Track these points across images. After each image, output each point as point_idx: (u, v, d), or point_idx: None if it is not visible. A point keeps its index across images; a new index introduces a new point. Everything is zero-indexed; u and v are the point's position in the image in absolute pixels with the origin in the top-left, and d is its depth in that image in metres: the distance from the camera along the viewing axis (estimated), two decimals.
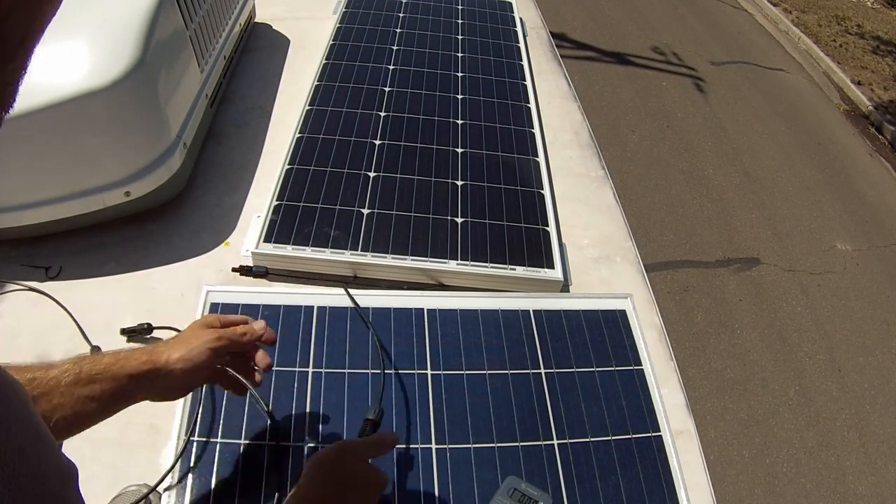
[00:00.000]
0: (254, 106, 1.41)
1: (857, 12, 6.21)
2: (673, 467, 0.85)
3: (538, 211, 1.17)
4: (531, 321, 0.98)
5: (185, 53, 1.16)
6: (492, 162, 1.27)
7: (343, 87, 1.41)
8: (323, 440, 0.81)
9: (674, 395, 0.95)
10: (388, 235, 1.08)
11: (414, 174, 1.21)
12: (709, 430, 2.47)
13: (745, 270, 3.17)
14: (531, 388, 0.90)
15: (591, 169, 1.37)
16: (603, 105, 4.18)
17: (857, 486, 2.39)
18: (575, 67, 4.37)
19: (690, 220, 3.41)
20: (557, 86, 1.63)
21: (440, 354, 0.92)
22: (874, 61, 5.33)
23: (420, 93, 1.43)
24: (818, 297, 3.11)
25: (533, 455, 0.83)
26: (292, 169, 1.18)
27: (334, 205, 1.12)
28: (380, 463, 0.79)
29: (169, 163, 1.07)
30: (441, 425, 0.84)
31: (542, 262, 1.08)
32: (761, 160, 3.97)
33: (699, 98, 4.46)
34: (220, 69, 1.35)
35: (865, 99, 4.76)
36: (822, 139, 4.33)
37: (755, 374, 2.72)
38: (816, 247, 3.40)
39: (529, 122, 1.40)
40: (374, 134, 1.29)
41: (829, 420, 2.60)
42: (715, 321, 2.89)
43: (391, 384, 0.87)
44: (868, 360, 2.86)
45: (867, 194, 3.88)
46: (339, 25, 1.63)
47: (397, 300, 0.98)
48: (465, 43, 1.65)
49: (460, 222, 1.12)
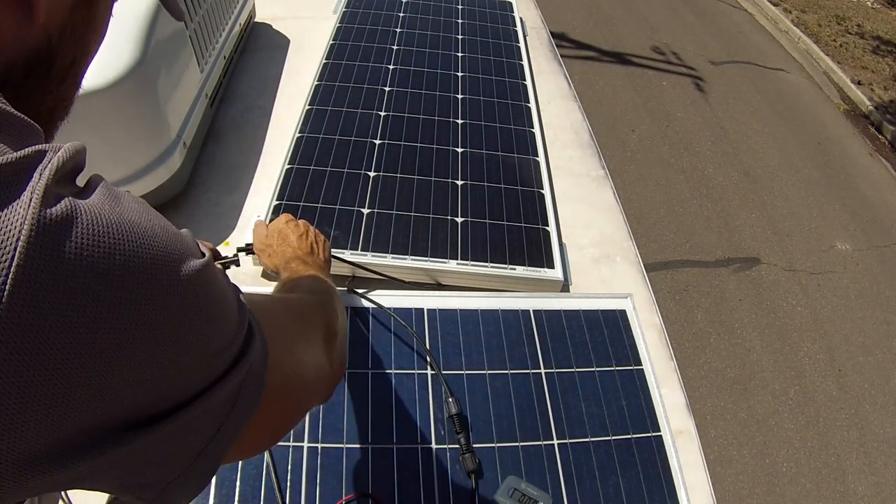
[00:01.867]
0: (254, 106, 1.41)
1: (857, 12, 6.21)
2: (673, 467, 0.85)
3: (538, 211, 1.17)
4: (531, 321, 0.98)
5: (185, 53, 1.16)
6: (492, 162, 1.27)
7: (343, 87, 1.41)
8: (322, 439, 0.81)
9: (674, 395, 0.95)
10: (388, 235, 1.07)
11: (414, 174, 1.21)
12: (709, 430, 2.47)
13: (745, 270, 3.17)
14: (531, 388, 0.90)
15: (591, 169, 1.37)
16: (603, 105, 4.18)
17: (857, 486, 2.39)
18: (575, 67, 4.37)
19: (690, 219, 3.41)
20: (557, 86, 1.63)
21: (440, 354, 0.92)
22: (874, 61, 5.33)
23: (420, 92, 1.43)
24: (818, 296, 3.11)
25: (533, 455, 0.83)
26: (292, 169, 1.18)
27: (334, 204, 1.11)
28: (380, 463, 0.79)
29: (168, 162, 1.07)
30: (440, 425, 0.84)
31: (542, 262, 1.07)
32: (761, 160, 3.97)
33: (699, 98, 4.45)
34: (220, 69, 1.35)
35: (865, 99, 4.76)
36: (822, 139, 4.33)
37: (755, 374, 2.72)
38: (816, 246, 3.40)
39: (529, 122, 1.40)
40: (374, 133, 1.29)
41: (829, 420, 2.60)
42: (715, 321, 2.89)
43: (391, 384, 0.88)
44: (868, 359, 2.86)
45: (867, 194, 3.88)
46: (339, 25, 1.63)
47: (397, 300, 0.98)
48: (465, 43, 1.65)
49: (460, 222, 1.12)
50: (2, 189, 0.24)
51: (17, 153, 0.25)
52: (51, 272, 0.24)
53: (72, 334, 0.25)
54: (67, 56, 0.36)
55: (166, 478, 0.32)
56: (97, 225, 0.26)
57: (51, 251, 0.24)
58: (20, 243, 0.23)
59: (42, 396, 0.24)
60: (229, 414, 0.33)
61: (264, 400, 0.36)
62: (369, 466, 0.79)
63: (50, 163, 0.26)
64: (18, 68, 0.32)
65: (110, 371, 0.26)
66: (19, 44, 0.32)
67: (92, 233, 0.26)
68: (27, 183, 0.25)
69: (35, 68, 0.33)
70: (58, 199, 0.26)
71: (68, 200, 0.26)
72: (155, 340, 0.28)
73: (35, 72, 0.34)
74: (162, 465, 0.31)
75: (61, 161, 0.27)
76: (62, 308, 0.24)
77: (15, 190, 0.24)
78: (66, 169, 0.27)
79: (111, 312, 0.26)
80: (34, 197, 0.25)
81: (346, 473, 0.78)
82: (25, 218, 0.24)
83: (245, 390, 0.34)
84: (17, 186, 0.25)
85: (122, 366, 0.27)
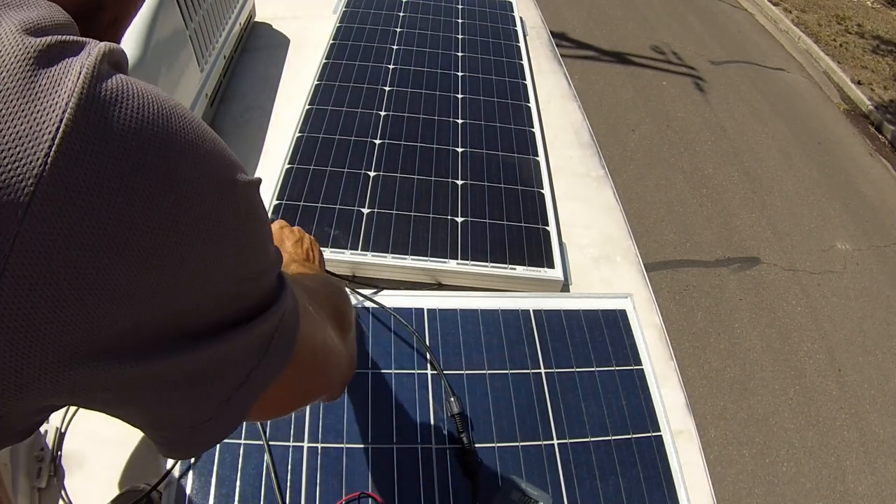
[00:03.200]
0: (254, 105, 1.41)
1: (857, 12, 6.21)
2: (673, 467, 0.84)
3: (538, 210, 1.17)
4: (531, 321, 0.98)
5: (185, 53, 1.16)
6: (492, 161, 1.27)
7: (343, 87, 1.41)
8: (323, 439, 0.81)
9: (674, 395, 0.95)
10: (388, 235, 1.07)
11: (414, 174, 1.21)
12: (709, 430, 2.47)
13: (745, 270, 3.17)
14: (531, 387, 0.90)
15: (592, 168, 1.37)
16: (603, 105, 4.18)
17: (857, 486, 2.39)
18: (575, 67, 4.37)
19: (690, 219, 3.41)
20: (557, 85, 1.63)
21: (440, 354, 0.92)
22: (874, 61, 5.33)
23: (420, 92, 1.43)
24: (818, 296, 3.11)
25: (533, 455, 0.83)
26: (292, 168, 1.18)
27: (334, 204, 1.11)
28: (380, 463, 0.79)
29: None
30: (441, 425, 0.84)
31: (543, 262, 1.07)
32: (761, 160, 3.97)
33: (699, 97, 4.45)
34: (220, 68, 1.35)
35: (865, 98, 4.75)
36: (822, 139, 4.33)
37: (755, 374, 2.72)
38: (816, 246, 3.40)
39: (530, 122, 1.40)
40: (374, 133, 1.29)
41: (829, 420, 2.60)
42: (715, 321, 2.89)
43: (391, 384, 0.88)
44: (868, 359, 2.86)
45: (867, 194, 3.88)
46: (339, 25, 1.63)
47: (397, 300, 0.98)
48: (465, 42, 1.65)
49: (460, 222, 1.12)
50: (53, 58, 0.24)
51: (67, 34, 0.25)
52: (99, 144, 0.23)
53: (117, 215, 0.24)
54: (112, 10, 0.36)
55: (193, 419, 0.32)
56: (153, 105, 0.26)
57: (101, 123, 0.24)
58: (67, 114, 0.23)
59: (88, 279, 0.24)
60: (260, 360, 0.33)
61: (293, 361, 0.35)
62: (369, 466, 0.79)
63: (99, 44, 0.26)
64: (67, 10, 0.32)
65: (156, 260, 0.25)
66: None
67: (147, 111, 0.25)
68: (76, 57, 0.24)
69: (82, 13, 0.33)
70: (109, 74, 0.25)
71: (120, 77, 0.25)
72: (201, 238, 0.27)
73: (81, 18, 0.33)
74: (192, 403, 0.31)
75: (109, 47, 0.26)
76: (107, 185, 0.23)
77: (66, 63, 0.24)
78: (115, 55, 0.27)
79: (160, 198, 0.25)
80: (84, 70, 0.24)
81: (346, 473, 0.78)
82: (74, 90, 0.23)
83: (277, 340, 0.34)
84: (69, 57, 0.24)
85: (166, 257, 0.26)
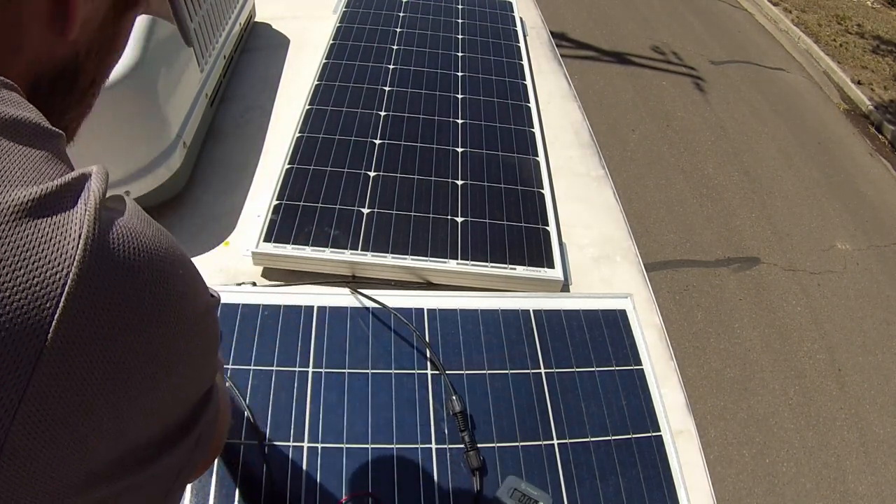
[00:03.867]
0: (254, 106, 1.41)
1: (857, 12, 6.21)
2: (673, 467, 0.84)
3: (538, 210, 1.17)
4: (531, 321, 0.98)
5: (185, 53, 1.16)
6: (492, 161, 1.27)
7: (343, 87, 1.41)
8: (323, 439, 0.81)
9: (674, 395, 0.95)
10: (388, 235, 1.07)
11: (414, 174, 1.21)
12: (709, 430, 2.47)
13: (745, 270, 3.17)
14: (531, 387, 0.90)
15: (592, 168, 1.37)
16: (603, 105, 4.18)
17: (857, 486, 2.39)
18: (575, 67, 4.37)
19: (690, 219, 3.41)
20: (557, 85, 1.63)
21: (440, 354, 0.92)
22: (874, 61, 5.33)
23: (420, 92, 1.43)
24: (818, 296, 3.11)
25: (533, 455, 0.83)
26: (292, 168, 1.18)
27: (334, 204, 1.11)
28: (380, 463, 0.79)
29: (168, 162, 1.07)
30: (441, 425, 0.84)
31: (542, 262, 1.07)
32: (761, 159, 3.97)
33: (699, 97, 4.45)
34: (220, 69, 1.35)
35: (865, 98, 4.76)
36: (822, 138, 4.33)
37: (755, 374, 2.72)
38: (816, 246, 3.40)
39: (529, 122, 1.40)
40: (374, 133, 1.29)
41: (829, 420, 2.60)
42: (715, 321, 2.89)
43: (391, 384, 0.87)
44: (868, 359, 2.86)
45: (867, 194, 3.88)
46: (339, 25, 1.63)
47: (397, 300, 0.98)
48: (465, 42, 1.65)
49: (460, 222, 1.12)
50: (58, 206, 0.26)
51: (69, 175, 0.27)
52: (107, 284, 0.26)
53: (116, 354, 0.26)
54: (89, 74, 0.38)
55: None
56: (138, 245, 0.28)
57: (106, 267, 0.26)
58: (76, 259, 0.25)
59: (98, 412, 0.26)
60: (198, 441, 0.36)
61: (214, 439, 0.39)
62: (369, 466, 0.79)
63: (98, 176, 0.28)
64: (45, 81, 0.34)
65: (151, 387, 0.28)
66: (49, 57, 0.33)
67: (135, 251, 0.28)
68: (75, 204, 0.26)
69: (60, 83, 0.35)
70: (107, 228, 0.27)
71: (116, 231, 0.27)
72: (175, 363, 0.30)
73: (59, 87, 0.35)
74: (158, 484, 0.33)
75: (103, 180, 0.29)
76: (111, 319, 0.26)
77: (69, 210, 0.26)
78: (104, 189, 0.29)
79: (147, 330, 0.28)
80: (87, 217, 0.26)
81: (346, 473, 0.78)
82: (80, 236, 0.25)
83: (205, 433, 0.37)
84: (70, 204, 0.26)
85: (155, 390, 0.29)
